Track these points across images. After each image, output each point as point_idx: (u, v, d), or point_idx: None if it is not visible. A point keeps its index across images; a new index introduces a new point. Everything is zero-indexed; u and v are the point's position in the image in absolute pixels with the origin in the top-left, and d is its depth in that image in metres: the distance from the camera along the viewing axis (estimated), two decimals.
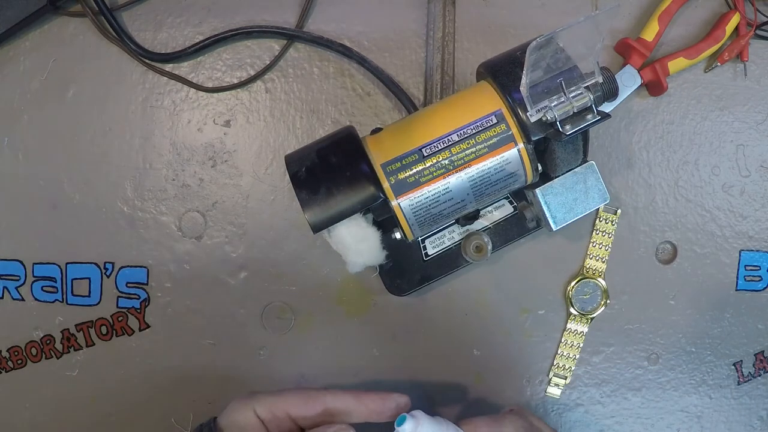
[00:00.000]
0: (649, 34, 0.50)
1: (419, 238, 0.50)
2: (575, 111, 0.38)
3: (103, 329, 0.54)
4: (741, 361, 0.54)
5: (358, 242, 0.42)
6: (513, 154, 0.40)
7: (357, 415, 0.39)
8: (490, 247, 0.48)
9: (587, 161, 0.44)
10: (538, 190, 0.44)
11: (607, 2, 0.53)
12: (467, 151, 0.40)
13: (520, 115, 0.39)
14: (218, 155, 0.53)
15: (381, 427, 0.40)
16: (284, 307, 0.53)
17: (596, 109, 0.38)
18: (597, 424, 0.55)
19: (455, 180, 0.40)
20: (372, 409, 0.39)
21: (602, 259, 0.53)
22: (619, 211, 0.53)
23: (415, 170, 0.40)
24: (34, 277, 0.53)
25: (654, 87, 0.51)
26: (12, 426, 0.55)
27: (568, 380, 0.54)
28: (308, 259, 0.53)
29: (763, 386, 0.55)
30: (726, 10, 0.52)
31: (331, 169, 0.40)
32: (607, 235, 0.53)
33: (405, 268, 0.50)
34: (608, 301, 0.53)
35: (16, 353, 0.54)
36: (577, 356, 0.53)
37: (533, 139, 0.39)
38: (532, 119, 0.39)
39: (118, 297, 0.53)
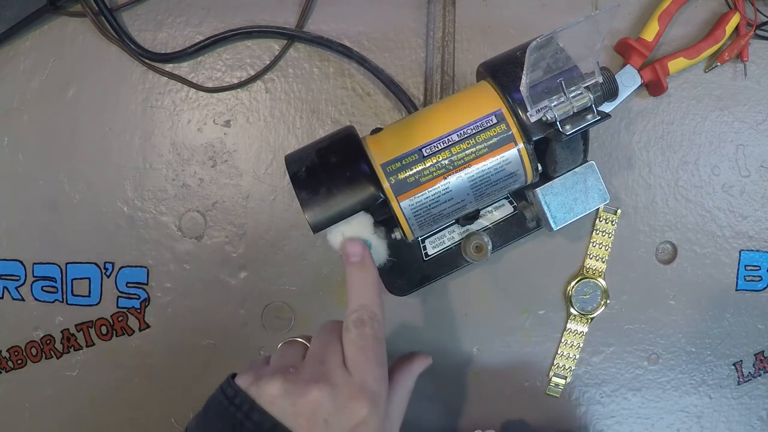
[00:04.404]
0: (649, 34, 0.50)
1: (419, 238, 0.50)
2: (575, 111, 0.38)
3: (103, 329, 0.54)
4: (741, 361, 0.54)
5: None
6: (513, 154, 0.40)
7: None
8: (490, 247, 0.48)
9: (587, 161, 0.44)
10: (538, 190, 0.43)
11: (607, 2, 0.53)
12: (467, 151, 0.40)
13: (520, 115, 0.39)
14: (218, 155, 0.53)
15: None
16: (284, 307, 0.53)
17: (596, 109, 0.38)
18: (597, 424, 0.55)
19: (455, 180, 0.40)
20: None
21: (602, 259, 0.53)
22: (619, 211, 0.53)
23: (415, 170, 0.40)
24: (34, 277, 0.53)
25: (654, 87, 0.51)
26: (12, 426, 0.55)
27: (568, 380, 0.54)
28: (308, 259, 0.53)
29: (763, 386, 0.55)
30: (726, 10, 0.52)
31: (331, 169, 0.40)
32: (607, 235, 0.53)
33: (405, 268, 0.50)
34: (608, 301, 0.53)
35: (16, 353, 0.54)
36: (577, 356, 0.53)
37: (533, 139, 0.39)
38: (532, 119, 0.39)
39: (118, 297, 0.53)
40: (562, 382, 0.54)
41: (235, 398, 0.34)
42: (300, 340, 0.39)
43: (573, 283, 0.53)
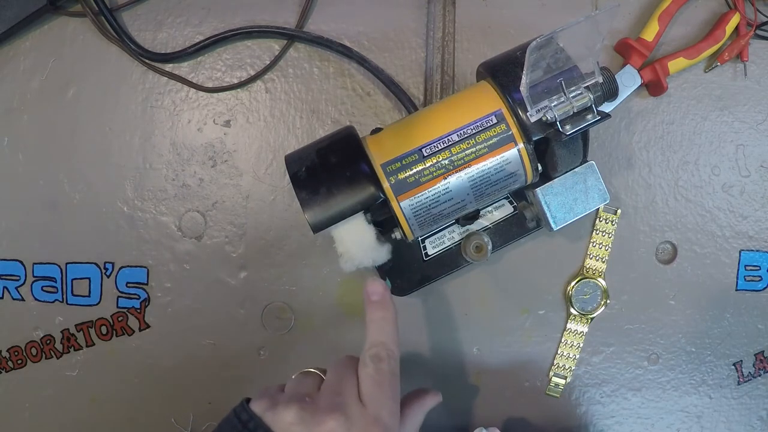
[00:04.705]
0: (649, 34, 0.50)
1: (419, 238, 0.50)
2: (575, 111, 0.38)
3: (103, 329, 0.54)
4: (741, 361, 0.54)
5: (363, 239, 0.42)
6: (513, 154, 0.40)
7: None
8: (490, 247, 0.48)
9: (587, 161, 0.44)
10: (538, 190, 0.44)
11: (607, 2, 0.53)
12: (467, 151, 0.40)
13: (520, 115, 0.39)
14: (218, 155, 0.53)
15: None
16: (284, 307, 0.53)
17: (596, 109, 0.38)
18: (597, 424, 0.55)
19: (455, 180, 0.40)
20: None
21: (602, 259, 0.53)
22: (619, 211, 0.53)
23: (415, 170, 0.40)
24: (34, 277, 0.53)
25: (654, 87, 0.51)
26: (12, 426, 0.55)
27: (568, 380, 0.54)
28: (308, 259, 0.53)
29: (763, 386, 0.54)
30: (726, 10, 0.52)
31: (331, 169, 0.40)
32: (607, 235, 0.53)
33: (405, 268, 0.50)
34: (608, 301, 0.53)
35: (16, 353, 0.54)
36: (577, 356, 0.53)
37: (533, 139, 0.39)
38: (532, 119, 0.39)
39: (118, 297, 0.53)
40: (562, 382, 0.54)
41: (249, 423, 0.34)
42: (315, 371, 0.40)
43: (573, 283, 0.53)
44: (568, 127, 0.38)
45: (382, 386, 0.36)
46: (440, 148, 0.40)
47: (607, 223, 0.53)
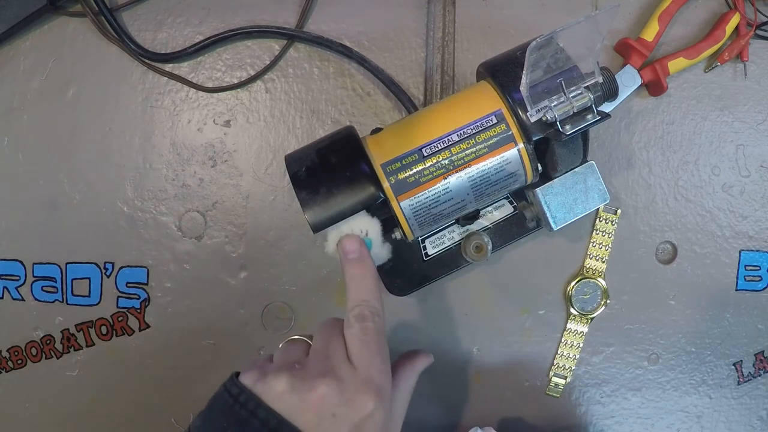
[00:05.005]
0: (649, 34, 0.50)
1: (419, 238, 0.50)
2: (575, 111, 0.38)
3: (103, 329, 0.54)
4: (741, 361, 0.54)
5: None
6: (513, 154, 0.40)
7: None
8: (490, 247, 0.48)
9: (587, 161, 0.44)
10: (538, 190, 0.43)
11: (607, 2, 0.53)
12: (467, 151, 0.40)
13: (520, 115, 0.39)
14: (218, 155, 0.53)
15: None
16: (284, 307, 0.53)
17: (596, 109, 0.38)
18: (597, 424, 0.55)
19: (455, 180, 0.40)
20: None
21: (602, 259, 0.53)
22: (619, 211, 0.53)
23: (415, 170, 0.40)
24: (34, 277, 0.53)
25: (654, 87, 0.51)
26: (12, 426, 0.55)
27: (568, 380, 0.54)
28: (308, 259, 0.53)
29: (763, 386, 0.55)
30: (726, 10, 0.52)
31: (331, 169, 0.40)
32: (607, 235, 0.53)
33: (405, 268, 0.50)
34: (608, 301, 0.53)
35: (16, 353, 0.54)
36: (577, 356, 0.53)
37: (533, 139, 0.39)
38: (532, 119, 0.39)
39: (118, 297, 0.53)
40: (562, 382, 0.54)
41: (240, 396, 0.33)
42: (302, 337, 0.39)
43: (573, 283, 0.53)
44: (568, 127, 0.38)
45: (369, 346, 0.35)
46: (440, 148, 0.40)
47: (607, 223, 0.53)
